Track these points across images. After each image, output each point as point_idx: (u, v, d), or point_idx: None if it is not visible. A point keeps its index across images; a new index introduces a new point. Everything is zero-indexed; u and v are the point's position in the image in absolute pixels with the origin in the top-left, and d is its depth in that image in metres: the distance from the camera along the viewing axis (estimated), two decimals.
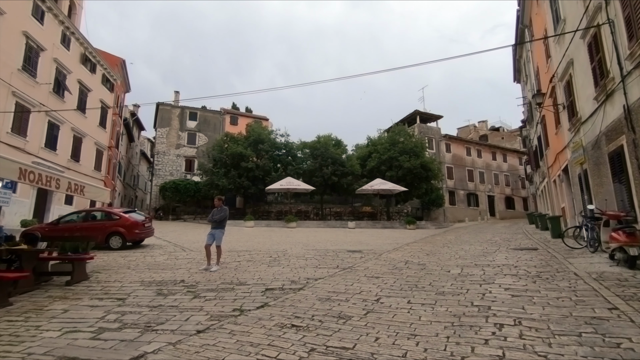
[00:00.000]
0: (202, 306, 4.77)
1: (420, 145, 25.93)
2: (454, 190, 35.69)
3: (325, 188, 25.06)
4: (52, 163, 16.69)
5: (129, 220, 11.05)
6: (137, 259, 9.23)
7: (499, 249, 10.26)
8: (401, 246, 11.81)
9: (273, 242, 12.87)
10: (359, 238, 14.91)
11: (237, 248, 11.18)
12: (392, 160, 24.89)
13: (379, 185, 22.92)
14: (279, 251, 10.42)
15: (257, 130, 26.04)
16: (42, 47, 15.94)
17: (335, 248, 11.15)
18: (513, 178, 41.54)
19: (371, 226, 22.21)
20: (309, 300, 4.95)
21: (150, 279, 6.60)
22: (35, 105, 15.52)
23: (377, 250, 10.63)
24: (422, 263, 8.05)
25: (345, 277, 6.58)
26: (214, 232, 7.64)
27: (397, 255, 9.44)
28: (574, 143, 10.09)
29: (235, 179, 23.51)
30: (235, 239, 13.91)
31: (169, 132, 31.98)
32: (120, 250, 10.77)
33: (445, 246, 11.54)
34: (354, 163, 25.46)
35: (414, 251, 10.35)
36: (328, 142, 25.43)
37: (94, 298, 5.29)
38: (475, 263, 7.77)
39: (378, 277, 6.46)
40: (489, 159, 40.04)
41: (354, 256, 9.38)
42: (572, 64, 9.69)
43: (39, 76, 15.74)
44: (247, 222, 20.44)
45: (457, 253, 9.61)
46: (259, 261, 8.62)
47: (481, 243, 12.02)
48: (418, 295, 5.10)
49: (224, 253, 9.64)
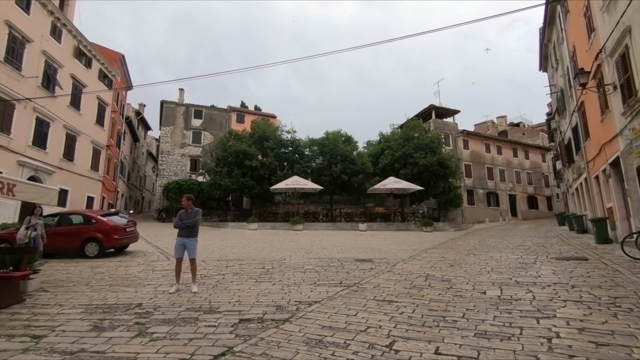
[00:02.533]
0: (137, 353, 3.32)
1: (437, 140, 23.96)
2: (472, 189, 33.58)
3: (335, 187, 23.41)
4: (41, 162, 15.68)
5: (108, 224, 9.76)
6: (107, 270, 7.91)
7: (537, 257, 8.55)
8: (418, 253, 10.20)
9: (273, 248, 11.41)
10: (370, 242, 13.33)
11: (228, 256, 9.77)
12: (407, 157, 23.08)
13: (392, 184, 21.19)
14: (276, 260, 8.96)
15: (263, 126, 24.45)
16: (29, 39, 14.88)
17: (342, 256, 9.62)
18: (536, 176, 39.06)
19: (384, 228, 20.53)
20: (292, 344, 3.45)
21: (100, 302, 5.21)
22: (20, 100, 14.49)
23: (391, 259, 9.05)
24: (447, 278, 6.45)
25: (349, 300, 5.06)
26: (185, 242, 6.07)
27: (414, 267, 7.85)
28: (631, 130, 8.28)
29: (238, 178, 22.04)
30: (232, 244, 12.52)
31: (173, 131, 30.90)
32: (96, 258, 9.50)
33: (470, 254, 9.86)
34: (365, 160, 23.61)
35: (435, 260, 8.72)
36: (337, 138, 23.68)
37: (2, 336, 3.90)
38: (515, 279, 6.13)
39: (391, 302, 4.91)
40: (510, 156, 37.68)
41: (362, 267, 7.84)
42: (629, 32, 7.91)
43: (24, 69, 14.70)
44: (250, 224, 18.99)
45: (488, 263, 7.96)
46: (247, 274, 7.18)
47: (512, 250, 10.28)
48: (449, 337, 3.53)
49: (208, 263, 8.22)
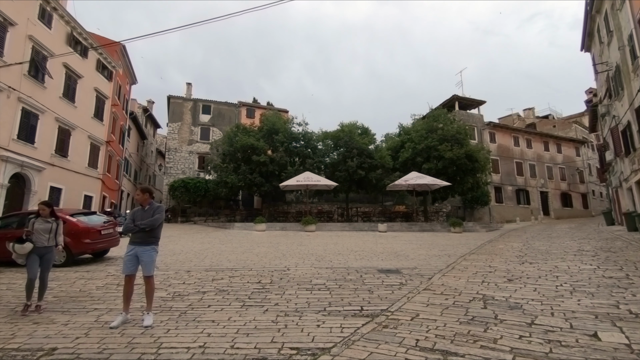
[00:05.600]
0: None
1: (464, 131, 21.58)
2: (500, 185, 30.91)
3: (351, 184, 21.38)
4: (28, 157, 14.31)
5: (77, 226, 8.11)
6: (60, 285, 6.21)
7: (621, 268, 6.38)
8: (456, 261, 8.14)
9: (278, 254, 9.56)
10: (393, 246, 11.31)
11: (221, 264, 7.97)
12: (430, 150, 20.83)
13: (415, 180, 19.03)
14: (279, 270, 7.11)
15: (272, 119, 22.55)
16: (11, 21, 13.53)
17: (361, 264, 7.67)
18: (569, 171, 35.90)
19: (406, 229, 18.43)
20: None
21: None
22: (2, 89, 13.14)
23: (424, 269, 7.05)
24: (516, 304, 4.43)
25: (377, 349, 3.11)
26: (139, 252, 4.09)
27: (459, 281, 5.83)
28: None
29: (246, 174, 20.26)
30: (231, 249, 10.74)
31: (180, 127, 29.50)
32: (63, 267, 7.86)
33: (524, 262, 7.73)
34: (384, 154, 21.42)
35: (483, 272, 6.67)
36: (353, 130, 21.56)
37: None
38: (625, 307, 4.05)
39: (448, 356, 2.94)
40: (541, 150, 34.71)
41: (389, 282, 5.89)
42: None
43: (6, 55, 13.35)
44: (258, 224, 17.20)
45: (558, 278, 5.86)
46: (235, 292, 5.34)
47: (575, 256, 8.07)
48: None
49: (192, 274, 6.09)
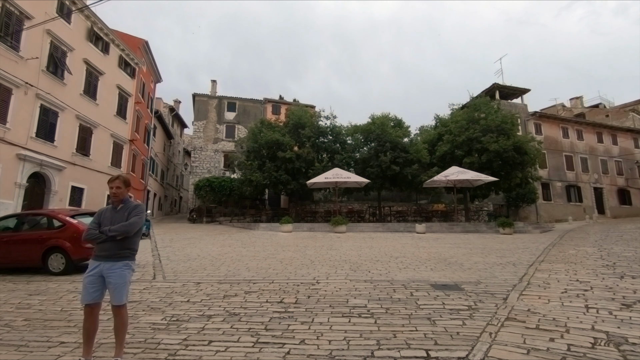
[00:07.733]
0: None
1: (511, 121, 19.30)
2: (548, 181, 28.03)
3: (384, 181, 19.71)
4: (47, 156, 13.84)
5: (78, 228, 7.13)
6: (42, 301, 5.14)
7: None
8: (527, 272, 6.45)
9: (305, 260, 8.20)
10: (439, 250, 9.65)
11: (239, 272, 6.71)
12: (472, 142, 18.77)
13: (456, 175, 17.09)
14: (306, 283, 5.76)
15: (298, 113, 21.25)
16: (28, 15, 13.09)
17: (408, 277, 6.15)
18: (627, 165, 32.22)
19: (447, 230, 16.56)
20: None
21: None
22: (20, 85, 12.66)
23: (490, 283, 5.46)
24: None
25: None
26: (104, 271, 2.87)
27: (549, 305, 4.20)
28: None
29: (271, 172, 19.11)
30: (253, 253, 9.50)
31: (206, 126, 28.98)
32: (61, 275, 6.91)
33: (623, 275, 5.92)
34: (419, 148, 19.60)
35: (575, 289, 4.97)
36: (385, 122, 19.82)
37: None
38: None
39: None
40: (593, 142, 31.32)
41: (451, 304, 4.37)
42: None
43: (23, 50, 12.89)
44: (284, 225, 15.95)
45: None
46: (248, 318, 4.01)
47: None
48: None
49: (202, 286, 4.63)
